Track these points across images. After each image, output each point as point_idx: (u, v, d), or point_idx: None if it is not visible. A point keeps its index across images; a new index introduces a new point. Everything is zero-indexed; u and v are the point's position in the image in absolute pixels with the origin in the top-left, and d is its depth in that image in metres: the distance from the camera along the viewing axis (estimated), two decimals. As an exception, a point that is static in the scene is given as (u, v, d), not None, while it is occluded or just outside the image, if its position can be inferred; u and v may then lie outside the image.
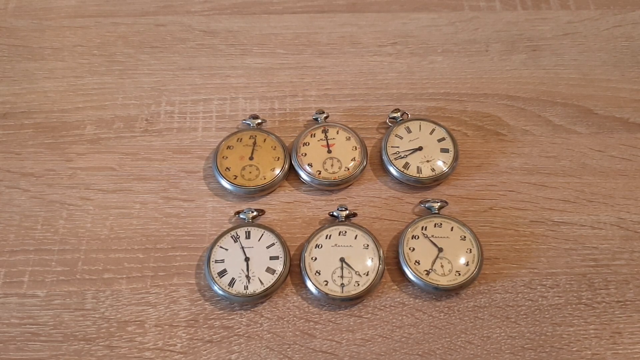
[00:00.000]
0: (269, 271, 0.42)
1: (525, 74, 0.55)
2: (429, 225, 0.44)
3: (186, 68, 0.55)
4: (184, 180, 0.48)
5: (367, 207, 0.47)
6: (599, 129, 0.52)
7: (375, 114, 0.52)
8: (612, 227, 0.46)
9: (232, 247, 0.43)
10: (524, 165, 0.49)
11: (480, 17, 0.59)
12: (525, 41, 0.58)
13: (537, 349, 0.41)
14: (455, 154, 0.48)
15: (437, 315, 0.42)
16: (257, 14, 0.59)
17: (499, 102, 0.53)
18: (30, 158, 0.49)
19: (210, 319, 0.41)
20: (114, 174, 0.48)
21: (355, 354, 0.40)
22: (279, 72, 0.55)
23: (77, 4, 0.60)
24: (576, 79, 0.55)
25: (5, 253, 0.44)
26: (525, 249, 0.45)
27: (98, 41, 0.57)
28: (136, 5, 0.60)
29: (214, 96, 0.53)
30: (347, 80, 0.55)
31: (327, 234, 0.43)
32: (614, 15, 0.60)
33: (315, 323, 0.42)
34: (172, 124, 0.51)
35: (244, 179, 0.46)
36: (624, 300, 0.43)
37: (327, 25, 0.59)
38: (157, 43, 0.57)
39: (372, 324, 0.42)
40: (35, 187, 0.47)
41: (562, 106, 0.53)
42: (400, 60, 0.56)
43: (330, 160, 0.47)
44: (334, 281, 0.41)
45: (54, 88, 0.53)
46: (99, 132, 0.51)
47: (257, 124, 0.50)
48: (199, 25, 0.58)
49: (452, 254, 0.43)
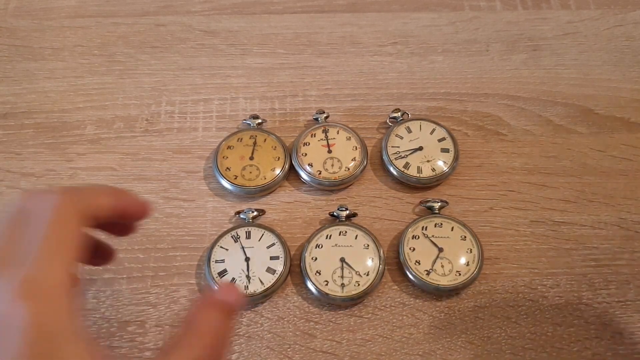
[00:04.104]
0: (270, 271, 0.42)
1: (525, 74, 0.55)
2: (430, 225, 0.44)
3: (186, 68, 0.55)
4: (185, 180, 0.48)
5: (368, 207, 0.47)
6: (599, 128, 0.52)
7: (376, 114, 0.52)
8: (612, 227, 0.46)
9: (233, 247, 0.43)
10: (525, 165, 0.49)
11: (481, 17, 0.59)
12: (525, 41, 0.58)
13: (537, 349, 0.41)
14: (455, 153, 0.48)
15: (437, 316, 0.42)
16: (257, 14, 0.59)
17: (500, 102, 0.53)
18: (31, 158, 0.49)
19: (211, 319, 0.41)
20: (115, 174, 0.48)
21: (356, 354, 0.40)
22: (280, 72, 0.55)
23: (77, 4, 0.60)
24: (577, 79, 0.55)
25: (6, 253, 0.44)
26: (525, 249, 0.45)
27: (98, 41, 0.57)
28: (136, 5, 0.60)
29: (215, 96, 0.53)
30: (347, 80, 0.55)
31: (327, 234, 0.43)
32: (614, 15, 0.60)
33: (315, 323, 0.42)
34: (172, 124, 0.51)
35: (244, 179, 0.46)
36: (625, 301, 0.43)
37: (328, 25, 0.59)
38: (158, 43, 0.57)
39: (373, 324, 0.42)
40: (36, 187, 0.47)
41: (563, 106, 0.53)
42: (401, 60, 0.56)
43: (331, 160, 0.47)
44: (335, 281, 0.41)
45: (54, 88, 0.53)
46: (99, 132, 0.51)
47: (257, 124, 0.50)
48: (200, 25, 0.58)
49: (453, 254, 0.43)
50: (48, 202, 0.29)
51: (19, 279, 0.26)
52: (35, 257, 0.27)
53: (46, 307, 0.26)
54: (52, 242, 0.28)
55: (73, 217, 0.29)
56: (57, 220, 0.28)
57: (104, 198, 0.32)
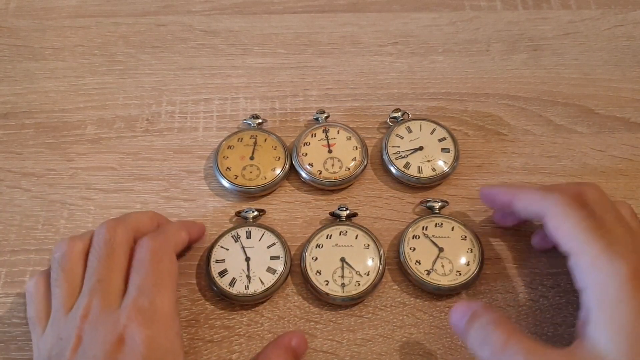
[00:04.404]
0: (270, 271, 0.42)
1: (526, 74, 0.55)
2: (430, 225, 0.44)
3: (187, 68, 0.55)
4: (185, 180, 0.48)
5: (368, 206, 0.47)
6: (600, 128, 0.52)
7: (376, 114, 0.52)
8: (613, 227, 0.46)
9: (233, 246, 0.43)
10: (525, 165, 0.49)
11: (481, 17, 0.59)
12: (526, 41, 0.58)
13: (538, 349, 0.41)
14: (456, 153, 0.48)
15: (438, 315, 0.42)
16: (258, 14, 0.59)
17: (500, 101, 0.53)
18: (31, 158, 0.49)
19: (211, 319, 0.41)
20: (115, 174, 0.48)
21: (356, 353, 0.40)
22: (280, 71, 0.55)
23: (78, 4, 0.60)
24: (577, 79, 0.55)
25: (7, 253, 0.44)
26: (526, 249, 0.45)
27: (99, 41, 0.57)
28: (137, 5, 0.60)
29: (215, 96, 0.53)
30: (347, 80, 0.55)
31: (327, 233, 0.43)
32: (615, 14, 0.60)
33: (315, 323, 0.42)
34: (173, 123, 0.51)
35: (244, 179, 0.46)
36: (625, 300, 0.43)
37: (328, 25, 0.59)
38: (158, 43, 0.57)
39: (373, 323, 0.42)
40: (36, 187, 0.47)
41: (563, 106, 0.53)
42: (401, 60, 0.56)
43: (331, 160, 0.47)
44: (335, 281, 0.41)
45: (55, 88, 0.53)
46: (99, 132, 0.51)
47: (257, 123, 0.50)
48: (200, 25, 0.58)
49: (453, 253, 0.43)
50: (146, 248, 0.37)
51: (143, 308, 0.34)
52: (150, 289, 0.34)
53: (160, 330, 0.33)
54: (160, 277, 0.35)
55: (171, 253, 0.37)
56: (159, 260, 0.36)
57: (182, 234, 0.40)
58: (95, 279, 0.35)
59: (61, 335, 0.34)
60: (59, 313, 0.35)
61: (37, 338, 0.36)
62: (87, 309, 0.34)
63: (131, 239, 0.38)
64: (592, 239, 0.33)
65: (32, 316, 0.37)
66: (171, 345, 0.34)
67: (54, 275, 0.37)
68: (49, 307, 0.36)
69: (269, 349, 0.37)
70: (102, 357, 0.32)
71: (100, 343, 0.32)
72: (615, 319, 0.31)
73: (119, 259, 0.36)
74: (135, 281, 0.35)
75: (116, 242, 0.37)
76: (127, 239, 0.37)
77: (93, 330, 0.33)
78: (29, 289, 0.38)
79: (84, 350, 0.33)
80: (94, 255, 0.36)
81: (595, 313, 0.32)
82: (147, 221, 0.40)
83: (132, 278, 0.36)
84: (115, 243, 0.37)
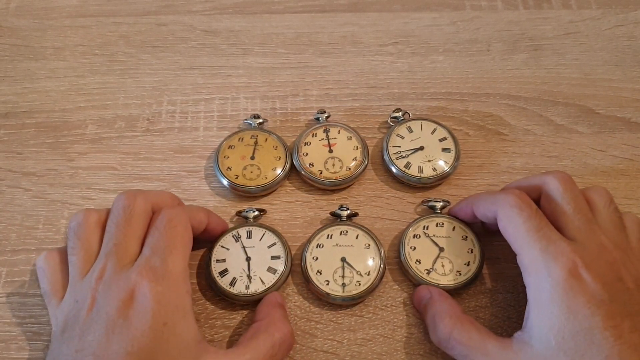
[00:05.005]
0: (270, 271, 0.42)
1: (526, 74, 0.55)
2: (431, 225, 0.44)
3: (187, 68, 0.55)
4: (186, 180, 0.48)
5: (369, 206, 0.47)
6: (600, 128, 0.52)
7: (377, 114, 0.52)
8: (613, 227, 0.46)
9: (234, 246, 0.43)
10: (526, 165, 0.49)
11: (482, 17, 0.59)
12: (526, 41, 0.58)
13: (538, 349, 0.41)
14: (456, 153, 0.48)
15: (438, 315, 0.42)
16: (258, 14, 0.59)
17: (501, 101, 0.53)
18: (32, 157, 0.49)
19: (212, 319, 0.41)
20: (116, 174, 0.48)
21: (357, 353, 0.40)
22: (281, 71, 0.55)
23: (78, 4, 0.60)
24: (578, 79, 0.55)
25: (7, 252, 0.44)
26: (526, 249, 0.45)
27: (99, 41, 0.57)
28: (137, 4, 0.60)
29: (216, 96, 0.53)
30: (348, 79, 0.55)
31: (328, 233, 0.43)
32: (615, 14, 0.60)
33: (316, 323, 0.42)
34: (173, 123, 0.51)
35: (245, 179, 0.46)
36: (626, 300, 0.43)
37: (329, 24, 0.59)
38: (159, 43, 0.57)
39: (374, 323, 0.42)
40: (37, 187, 0.47)
41: (564, 106, 0.53)
42: (402, 60, 0.56)
43: (332, 159, 0.47)
44: (335, 281, 0.41)
45: (55, 88, 0.53)
46: (100, 132, 0.51)
47: (258, 123, 0.50)
48: (201, 24, 0.58)
49: (453, 253, 0.43)
50: (163, 215, 0.37)
51: (154, 266, 0.34)
52: (162, 250, 0.35)
53: (170, 286, 0.34)
54: (173, 241, 0.36)
55: (187, 223, 0.37)
56: (174, 225, 0.37)
57: (201, 214, 0.40)
58: (112, 243, 0.36)
59: (77, 298, 0.35)
60: (75, 279, 0.36)
61: (53, 309, 0.37)
62: (102, 271, 0.35)
63: (149, 209, 0.38)
64: (531, 241, 0.35)
65: (47, 289, 0.38)
66: (181, 301, 0.34)
67: (70, 244, 0.37)
68: (64, 278, 0.37)
69: (262, 308, 0.40)
70: (114, 313, 0.33)
71: (112, 300, 0.33)
72: (545, 318, 0.33)
73: (137, 225, 0.37)
74: (149, 243, 0.36)
75: (135, 209, 0.37)
76: (146, 209, 0.38)
77: (107, 290, 0.34)
78: (40, 264, 0.38)
79: (97, 309, 0.33)
80: (112, 221, 0.37)
81: (532, 310, 0.35)
82: (167, 197, 0.41)
83: (147, 241, 0.36)
84: (134, 210, 0.37)
